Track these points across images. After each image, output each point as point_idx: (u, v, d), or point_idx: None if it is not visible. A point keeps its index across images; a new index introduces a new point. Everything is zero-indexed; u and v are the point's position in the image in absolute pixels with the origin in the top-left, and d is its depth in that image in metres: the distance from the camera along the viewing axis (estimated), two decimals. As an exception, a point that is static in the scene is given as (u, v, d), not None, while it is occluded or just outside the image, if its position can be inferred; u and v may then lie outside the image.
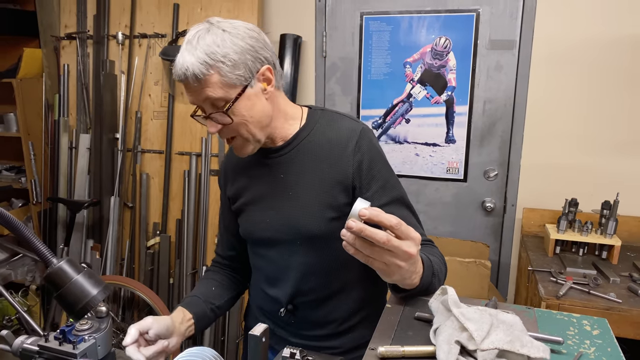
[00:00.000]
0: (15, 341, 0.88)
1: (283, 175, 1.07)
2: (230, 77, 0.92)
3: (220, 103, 0.93)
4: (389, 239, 0.70)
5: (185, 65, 0.90)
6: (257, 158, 1.10)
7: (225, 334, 2.49)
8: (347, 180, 1.03)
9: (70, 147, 2.74)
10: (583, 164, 2.16)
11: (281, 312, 1.11)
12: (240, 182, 1.14)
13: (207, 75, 0.90)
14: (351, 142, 1.03)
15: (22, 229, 0.76)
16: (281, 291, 1.10)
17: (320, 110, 1.11)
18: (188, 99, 0.97)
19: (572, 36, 2.08)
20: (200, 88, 0.91)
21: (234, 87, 0.93)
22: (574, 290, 1.67)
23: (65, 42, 2.70)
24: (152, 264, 2.60)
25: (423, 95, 2.33)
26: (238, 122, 0.96)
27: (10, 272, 3.03)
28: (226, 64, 0.91)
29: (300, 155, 1.06)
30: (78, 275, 0.79)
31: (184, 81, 0.92)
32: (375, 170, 1.03)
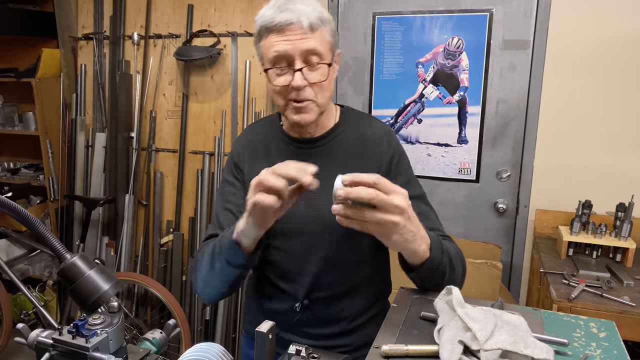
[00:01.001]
0: (31, 334, 0.91)
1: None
2: (331, 42, 0.99)
3: (316, 59, 0.95)
4: (377, 193, 0.73)
5: (301, 11, 0.92)
6: (284, 145, 1.11)
7: (237, 332, 2.52)
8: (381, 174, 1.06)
9: (87, 145, 2.79)
10: (597, 165, 2.13)
11: (296, 307, 1.09)
12: (261, 167, 1.07)
13: (320, 27, 0.94)
14: (384, 139, 1.09)
15: (37, 225, 0.79)
16: (299, 285, 1.09)
17: (351, 110, 1.17)
18: (278, 49, 0.93)
19: (587, 35, 2.06)
20: (309, 37, 0.93)
21: (331, 51, 0.99)
22: (586, 293, 1.65)
23: (83, 43, 2.75)
24: (166, 261, 2.64)
25: (435, 95, 2.33)
26: (324, 85, 0.98)
27: (29, 267, 3.10)
28: (331, 27, 0.98)
29: (335, 149, 1.09)
30: (90, 270, 0.81)
31: (291, 25, 0.92)
32: (401, 166, 1.09)
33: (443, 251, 0.90)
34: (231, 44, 2.44)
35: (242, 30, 2.42)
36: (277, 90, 0.99)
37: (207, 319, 2.54)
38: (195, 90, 2.54)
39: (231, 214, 1.09)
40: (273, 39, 0.94)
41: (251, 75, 2.43)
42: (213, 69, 2.49)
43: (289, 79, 0.96)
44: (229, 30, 2.43)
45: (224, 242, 0.95)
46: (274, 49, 0.94)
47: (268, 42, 0.95)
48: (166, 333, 1.03)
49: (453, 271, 0.91)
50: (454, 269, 0.92)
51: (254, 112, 2.43)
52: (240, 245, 0.92)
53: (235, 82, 2.45)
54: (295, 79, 0.94)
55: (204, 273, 1.02)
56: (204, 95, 2.53)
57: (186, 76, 2.53)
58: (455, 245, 1.01)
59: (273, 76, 0.98)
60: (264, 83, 2.41)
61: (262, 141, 1.14)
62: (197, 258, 1.07)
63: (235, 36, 2.43)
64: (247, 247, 0.93)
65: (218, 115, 2.51)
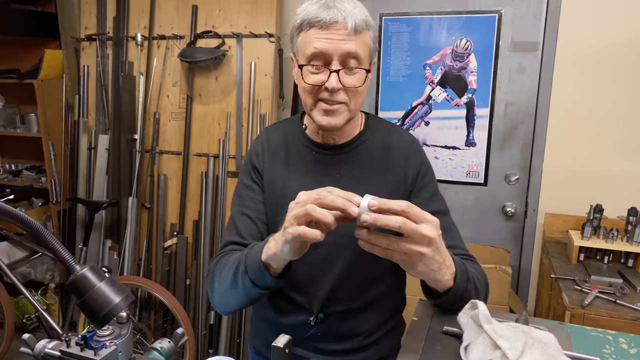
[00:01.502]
0: (37, 345, 0.88)
1: (339, 175, 1.03)
2: (372, 48, 0.95)
3: (354, 63, 0.91)
4: (405, 221, 0.69)
5: (348, 11, 0.88)
6: (306, 150, 1.06)
7: (242, 337, 2.49)
8: (405, 185, 1.03)
9: (90, 147, 2.76)
10: (607, 169, 2.11)
11: (310, 320, 1.04)
12: (280, 171, 1.06)
13: (365, 30, 0.91)
14: (411, 150, 1.05)
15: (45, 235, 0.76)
16: (314, 298, 1.04)
17: (377, 118, 1.12)
18: (318, 46, 0.89)
19: (597, 37, 2.03)
20: (351, 39, 0.89)
21: (370, 57, 0.95)
22: (599, 299, 1.63)
23: (86, 44, 2.72)
24: (169, 264, 2.61)
25: (443, 97, 2.30)
26: (359, 90, 0.94)
27: (30, 270, 3.07)
28: (374, 33, 0.94)
29: (359, 157, 1.04)
30: (101, 282, 0.79)
31: (336, 24, 0.88)
32: (427, 179, 1.05)
33: (469, 279, 0.86)
34: (236, 46, 2.41)
35: (247, 32, 2.39)
36: (308, 88, 0.94)
37: (212, 324, 2.52)
38: (200, 92, 2.51)
39: (249, 219, 1.04)
40: (314, 35, 0.90)
41: (256, 77, 2.40)
42: (217, 71, 2.46)
43: (322, 79, 0.91)
44: (233, 31, 2.40)
45: (250, 262, 0.90)
46: (313, 45, 0.90)
47: (308, 36, 0.91)
48: (174, 342, 1.00)
49: (477, 297, 0.87)
50: (479, 294, 0.88)
51: (259, 114, 2.40)
52: (269, 269, 0.87)
53: (240, 83, 2.42)
54: (330, 80, 0.90)
55: (224, 288, 0.97)
56: (208, 97, 2.50)
57: (190, 78, 2.51)
58: (479, 268, 0.97)
59: (307, 73, 0.93)
60: (269, 85, 2.39)
61: (282, 144, 1.09)
62: (216, 269, 1.01)
63: (240, 37, 2.40)
64: (276, 271, 0.89)
65: (223, 117, 2.48)
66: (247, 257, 0.91)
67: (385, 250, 0.72)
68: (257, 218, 1.04)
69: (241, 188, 1.10)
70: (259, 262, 0.86)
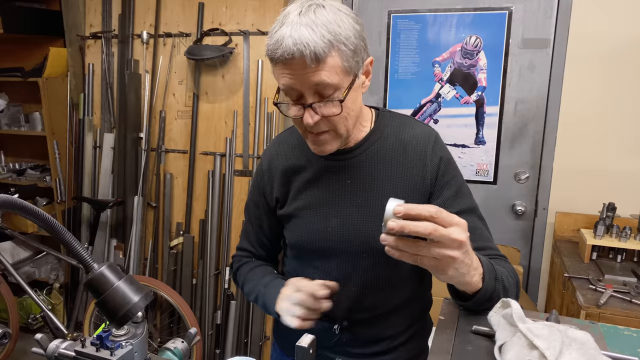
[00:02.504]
0: (50, 345, 0.86)
1: (350, 181, 0.98)
2: (349, 63, 0.84)
3: (329, 91, 0.83)
4: (435, 227, 0.67)
5: (304, 41, 0.78)
6: (316, 159, 1.01)
7: (249, 336, 2.47)
8: (424, 187, 0.97)
9: (95, 146, 2.74)
10: (619, 167, 2.09)
11: (335, 329, 1.03)
12: (292, 184, 1.04)
13: (328, 56, 0.80)
14: (429, 146, 0.97)
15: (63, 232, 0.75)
16: (336, 307, 0.99)
17: (389, 113, 1.04)
18: (284, 82, 0.84)
19: (609, 34, 2.01)
20: (315, 70, 0.80)
21: (348, 75, 0.85)
22: (614, 298, 1.61)
23: (90, 42, 2.70)
24: (175, 264, 2.59)
25: (452, 95, 2.28)
26: (342, 114, 0.86)
27: (35, 270, 3.05)
28: (348, 47, 0.82)
29: (370, 160, 0.98)
30: (119, 281, 0.77)
31: (293, 59, 0.80)
32: (448, 176, 0.97)
33: (497, 279, 0.83)
34: (243, 43, 2.39)
35: (254, 29, 2.37)
36: (293, 120, 0.91)
37: (218, 323, 2.50)
38: (206, 90, 2.49)
39: (260, 230, 1.14)
40: (279, 70, 0.84)
41: (263, 75, 2.38)
42: (224, 69, 2.44)
43: (300, 113, 0.86)
44: (240, 28, 2.38)
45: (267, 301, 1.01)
46: (281, 82, 0.85)
47: (276, 71, 0.86)
48: (187, 342, 0.99)
49: (507, 296, 0.84)
50: (508, 293, 0.85)
51: (266, 113, 2.38)
52: None
53: (247, 81, 2.40)
54: (305, 116, 0.85)
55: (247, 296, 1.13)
56: (214, 95, 2.48)
57: (197, 76, 2.49)
58: (509, 266, 0.93)
59: (284, 107, 0.89)
60: (276, 83, 2.36)
61: (292, 154, 1.05)
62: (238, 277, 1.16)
63: (247, 35, 2.38)
64: None
65: (229, 115, 2.46)
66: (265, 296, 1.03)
67: (415, 256, 0.69)
68: (262, 234, 1.14)
69: (250, 200, 1.16)
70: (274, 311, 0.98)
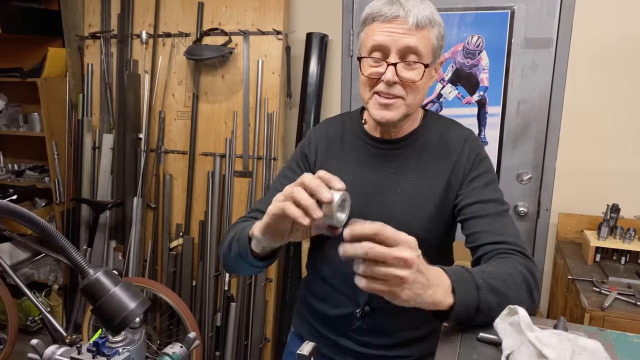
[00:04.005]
0: (46, 351, 0.85)
1: (393, 170, 1.03)
2: (437, 43, 0.95)
3: (415, 58, 0.91)
4: (371, 247, 0.63)
5: (410, 7, 0.89)
6: (361, 143, 1.07)
7: (249, 339, 2.45)
8: (457, 179, 1.01)
9: (94, 147, 2.73)
10: (623, 168, 2.07)
11: (357, 313, 1.04)
12: (333, 161, 1.08)
13: (427, 27, 0.91)
14: (467, 144, 1.03)
15: (58, 238, 0.73)
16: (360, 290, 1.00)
17: (436, 115, 1.11)
18: (378, 39, 0.91)
19: (612, 33, 1.99)
20: (413, 34, 0.90)
21: (432, 55, 0.94)
22: (619, 301, 1.59)
23: (89, 42, 2.68)
24: (175, 265, 2.57)
25: (454, 95, 2.26)
26: (417, 85, 0.93)
27: (33, 271, 3.03)
28: (440, 32, 0.94)
29: (415, 153, 1.03)
30: (116, 287, 0.75)
31: (397, 19, 0.90)
32: (480, 170, 1.02)
33: (479, 287, 0.76)
34: (243, 43, 2.37)
35: (254, 29, 2.35)
36: (365, 81, 0.96)
37: (218, 325, 2.48)
38: (206, 91, 2.47)
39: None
40: (375, 28, 0.92)
41: (263, 75, 2.36)
42: (224, 69, 2.42)
43: (380, 71, 0.93)
44: (240, 28, 2.36)
45: (242, 237, 0.93)
46: (373, 37, 0.92)
47: (370, 30, 0.94)
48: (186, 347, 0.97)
49: (507, 300, 0.77)
50: (507, 297, 0.78)
51: (267, 113, 2.37)
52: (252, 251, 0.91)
53: (247, 82, 2.38)
54: (387, 72, 0.91)
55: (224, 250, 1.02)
56: (214, 96, 2.46)
57: (196, 76, 2.47)
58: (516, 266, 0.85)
59: (365, 66, 0.95)
60: (277, 83, 2.35)
61: (339, 136, 1.10)
62: (230, 229, 1.05)
63: (247, 35, 2.36)
64: (258, 253, 0.92)
65: (229, 116, 2.44)
66: (242, 232, 0.94)
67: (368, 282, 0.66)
68: None
69: (285, 170, 1.14)
70: (246, 239, 0.91)
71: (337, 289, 1.06)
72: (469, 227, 0.97)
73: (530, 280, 0.85)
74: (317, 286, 1.12)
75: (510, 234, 0.93)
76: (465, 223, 0.99)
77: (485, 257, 0.92)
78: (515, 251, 0.90)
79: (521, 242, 0.93)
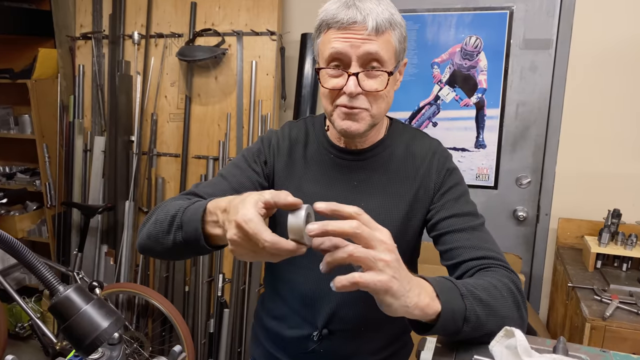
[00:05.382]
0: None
1: (357, 183, 0.97)
2: (399, 47, 0.88)
3: (377, 65, 0.85)
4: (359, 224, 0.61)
5: (368, 10, 0.82)
6: (325, 153, 1.00)
7: (242, 346, 2.40)
8: (427, 197, 0.96)
9: (85, 149, 2.68)
10: (624, 172, 2.02)
11: (314, 335, 0.98)
12: (296, 171, 1.00)
13: (388, 30, 0.84)
14: (435, 157, 0.97)
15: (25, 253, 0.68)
16: (319, 312, 0.97)
17: (401, 124, 1.05)
18: (336, 46, 0.84)
19: (613, 34, 1.94)
20: (372, 40, 0.83)
21: (394, 59, 0.88)
22: (621, 310, 1.54)
23: (81, 42, 2.64)
24: (167, 271, 2.52)
25: (452, 97, 2.21)
26: (381, 94, 0.87)
27: (24, 276, 2.98)
28: (401, 33, 0.88)
29: (379, 166, 0.98)
30: (87, 305, 0.70)
31: (355, 24, 0.82)
32: (449, 184, 0.96)
33: (463, 295, 0.72)
34: (236, 44, 2.32)
35: (247, 29, 2.30)
36: (327, 93, 0.88)
37: (211, 332, 2.43)
38: (199, 92, 2.43)
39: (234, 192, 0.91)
40: (332, 35, 0.84)
41: (257, 77, 2.31)
42: (217, 70, 2.37)
43: (341, 83, 0.85)
44: (234, 29, 2.32)
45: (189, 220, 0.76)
46: (331, 45, 0.84)
47: (326, 37, 0.86)
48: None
49: (491, 311, 0.73)
50: (494, 309, 0.74)
51: (260, 115, 2.32)
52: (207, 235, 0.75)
53: (240, 83, 2.34)
54: (349, 84, 0.84)
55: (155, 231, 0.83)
56: (207, 98, 2.42)
57: (189, 77, 2.42)
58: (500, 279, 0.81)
59: (325, 77, 0.87)
60: (271, 85, 2.30)
61: (302, 143, 1.03)
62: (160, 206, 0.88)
63: (241, 35, 2.31)
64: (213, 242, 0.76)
65: (222, 118, 2.39)
66: (185, 214, 0.77)
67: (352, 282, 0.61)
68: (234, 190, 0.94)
69: (239, 160, 1.02)
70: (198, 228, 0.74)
71: (294, 309, 1.01)
72: (445, 243, 0.92)
73: (516, 293, 0.80)
74: (274, 304, 1.06)
75: (491, 248, 0.88)
76: (441, 238, 0.93)
77: (467, 275, 0.86)
78: (498, 265, 0.85)
79: (503, 257, 0.88)
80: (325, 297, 0.96)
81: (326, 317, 0.97)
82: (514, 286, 0.80)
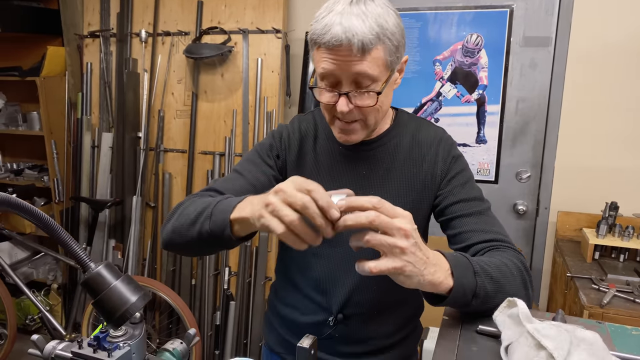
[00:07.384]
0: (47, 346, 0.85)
1: (365, 172, 1.00)
2: (391, 58, 0.86)
3: (367, 82, 0.85)
4: (377, 215, 0.65)
5: (353, 30, 0.80)
6: (334, 146, 1.03)
7: (248, 337, 2.45)
8: (434, 183, 0.99)
9: (93, 146, 2.73)
10: (621, 166, 2.07)
11: (329, 320, 1.02)
12: (307, 163, 1.04)
13: (374, 48, 0.82)
14: (440, 145, 1.00)
15: (59, 232, 0.73)
16: (334, 297, 1.01)
17: (407, 114, 1.08)
18: (325, 67, 0.85)
19: (611, 32, 1.99)
20: (359, 60, 0.82)
21: (387, 70, 0.87)
22: (617, 298, 1.59)
23: (89, 40, 2.69)
24: (174, 264, 2.57)
25: (453, 93, 2.26)
26: (375, 107, 0.88)
27: (32, 270, 3.03)
28: (392, 43, 0.85)
29: (387, 155, 1.01)
30: (117, 280, 0.75)
31: (340, 46, 0.81)
32: (455, 170, 0.99)
33: (477, 272, 0.77)
34: (242, 42, 2.38)
35: (253, 27, 2.35)
36: (324, 105, 0.92)
37: (218, 324, 2.48)
38: (205, 89, 2.48)
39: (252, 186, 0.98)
40: (322, 54, 0.85)
41: (263, 74, 2.36)
42: (223, 67, 2.42)
43: (334, 100, 0.88)
44: (240, 27, 2.37)
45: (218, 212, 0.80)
46: (321, 65, 0.86)
47: (317, 55, 0.87)
48: (186, 343, 0.97)
49: (492, 284, 0.78)
50: (502, 286, 0.79)
51: (266, 112, 2.37)
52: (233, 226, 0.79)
53: (246, 80, 2.39)
54: (340, 103, 0.87)
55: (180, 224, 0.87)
56: (214, 94, 2.47)
57: (195, 74, 2.47)
58: (510, 258, 0.86)
59: (319, 91, 0.90)
60: (276, 82, 2.35)
61: (311, 136, 1.06)
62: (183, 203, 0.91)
63: (247, 33, 2.36)
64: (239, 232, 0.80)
65: (229, 114, 2.44)
66: (217, 206, 0.81)
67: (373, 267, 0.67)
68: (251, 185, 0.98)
69: (253, 155, 1.05)
70: (226, 217, 0.78)
71: (308, 296, 1.04)
72: (454, 227, 0.95)
73: (524, 273, 0.84)
74: (287, 292, 1.09)
75: (498, 231, 0.93)
76: (450, 223, 0.97)
77: (477, 256, 0.90)
78: (506, 247, 0.90)
79: (510, 240, 0.92)
80: (340, 283, 1.00)
81: (341, 302, 1.00)
82: (522, 266, 0.85)
